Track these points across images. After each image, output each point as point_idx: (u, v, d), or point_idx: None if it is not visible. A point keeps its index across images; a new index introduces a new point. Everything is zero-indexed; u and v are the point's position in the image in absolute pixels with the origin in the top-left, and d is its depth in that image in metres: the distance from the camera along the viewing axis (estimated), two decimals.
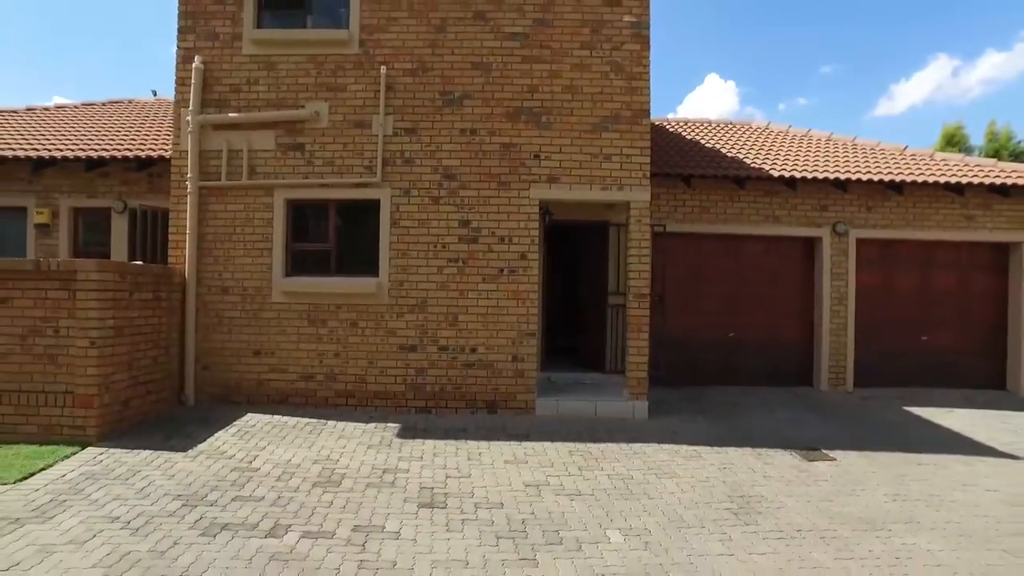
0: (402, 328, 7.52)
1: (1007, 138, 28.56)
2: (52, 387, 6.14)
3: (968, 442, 7.42)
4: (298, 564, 3.83)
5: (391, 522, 4.52)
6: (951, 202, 10.00)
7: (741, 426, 7.60)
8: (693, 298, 9.95)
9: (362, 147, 7.57)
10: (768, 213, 9.82)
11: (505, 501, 4.99)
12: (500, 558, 4.01)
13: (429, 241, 7.54)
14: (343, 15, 7.72)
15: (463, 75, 7.61)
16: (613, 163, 7.62)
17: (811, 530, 4.63)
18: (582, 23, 7.67)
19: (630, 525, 4.60)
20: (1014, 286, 10.15)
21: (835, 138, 11.89)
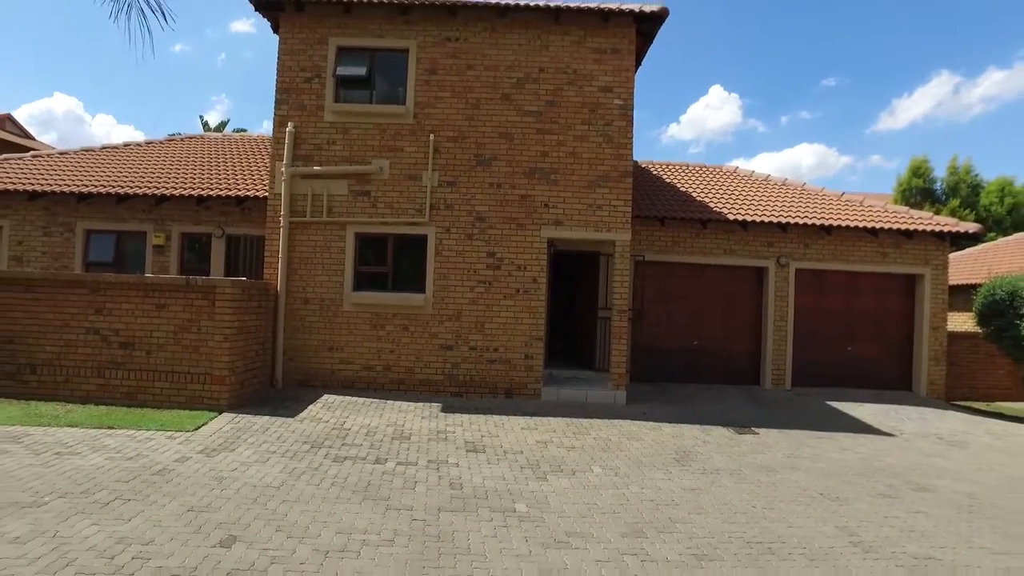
0: (442, 332, 9.99)
1: (966, 171, 31.44)
2: (195, 369, 8.55)
3: (862, 425, 9.96)
4: (400, 477, 6.26)
5: (451, 458, 6.97)
6: (870, 241, 12.57)
7: (695, 411, 10.11)
8: (665, 313, 12.46)
9: (414, 195, 10.05)
10: (726, 247, 12.37)
11: (523, 450, 7.46)
12: (524, 476, 6.47)
13: (464, 267, 10.02)
14: (401, 93, 10.21)
15: (492, 142, 10.11)
16: (603, 211, 10.14)
17: (725, 470, 7.12)
18: (582, 105, 10.18)
19: (607, 464, 7.08)
20: (918, 308, 12.74)
21: (788, 183, 14.46)
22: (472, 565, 4.33)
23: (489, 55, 10.11)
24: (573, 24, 10.15)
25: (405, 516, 5.17)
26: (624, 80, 10.20)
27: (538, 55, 10.13)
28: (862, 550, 5.01)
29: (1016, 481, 7.51)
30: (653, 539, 4.98)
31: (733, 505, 5.93)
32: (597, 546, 4.78)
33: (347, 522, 4.95)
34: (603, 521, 5.32)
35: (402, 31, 10.09)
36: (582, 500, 5.84)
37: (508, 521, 5.19)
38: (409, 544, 4.62)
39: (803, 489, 6.58)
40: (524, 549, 4.65)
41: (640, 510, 5.65)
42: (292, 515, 5.02)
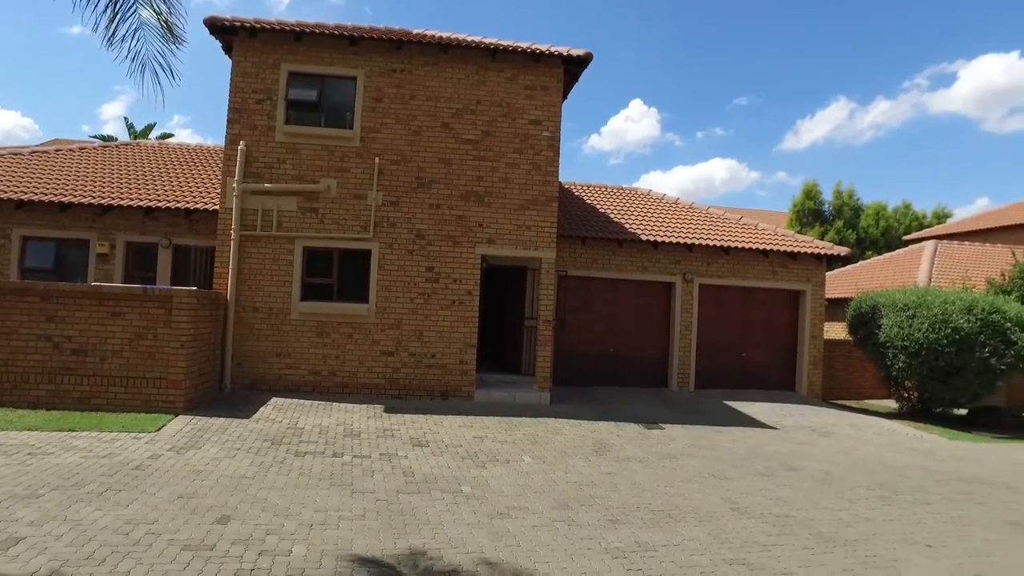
0: (384, 339, 10.87)
1: (849, 195, 34.83)
2: (151, 374, 9.05)
3: (752, 420, 11.57)
4: (359, 468, 7.15)
5: (400, 452, 7.90)
6: (762, 260, 14.38)
7: (611, 410, 11.43)
8: (585, 323, 13.80)
9: (359, 213, 10.89)
10: (639, 264, 13.84)
11: (463, 444, 8.48)
12: (466, 465, 7.50)
13: (405, 280, 10.94)
14: (349, 118, 11.03)
15: (432, 166, 11.10)
16: (531, 232, 11.32)
17: (635, 458, 8.40)
18: (515, 136, 11.34)
19: (536, 455, 8.21)
20: (801, 320, 14.67)
21: (694, 207, 16.18)
22: (433, 531, 5.32)
23: (431, 86, 11.11)
24: (508, 62, 11.30)
25: (370, 497, 6.09)
26: (552, 115, 11.44)
27: (476, 89, 11.21)
28: (739, 513, 6.35)
29: (863, 461, 9.21)
30: (577, 510, 6.13)
31: (641, 484, 7.18)
32: (532, 516, 5.88)
33: (321, 503, 5.83)
34: (535, 498, 6.43)
35: (351, 60, 10.93)
36: (517, 483, 6.93)
37: (457, 499, 6.21)
38: (378, 518, 5.55)
39: (698, 472, 7.93)
40: (473, 519, 5.68)
41: (565, 489, 6.80)
42: (272, 499, 5.84)
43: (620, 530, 5.67)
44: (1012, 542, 6.15)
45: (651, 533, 5.64)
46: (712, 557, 5.18)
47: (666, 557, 5.12)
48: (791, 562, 5.19)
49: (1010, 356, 12.73)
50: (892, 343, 13.40)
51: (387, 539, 5.09)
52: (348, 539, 5.02)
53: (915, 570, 5.24)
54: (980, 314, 12.66)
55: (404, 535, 5.20)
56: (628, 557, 5.06)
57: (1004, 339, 12.68)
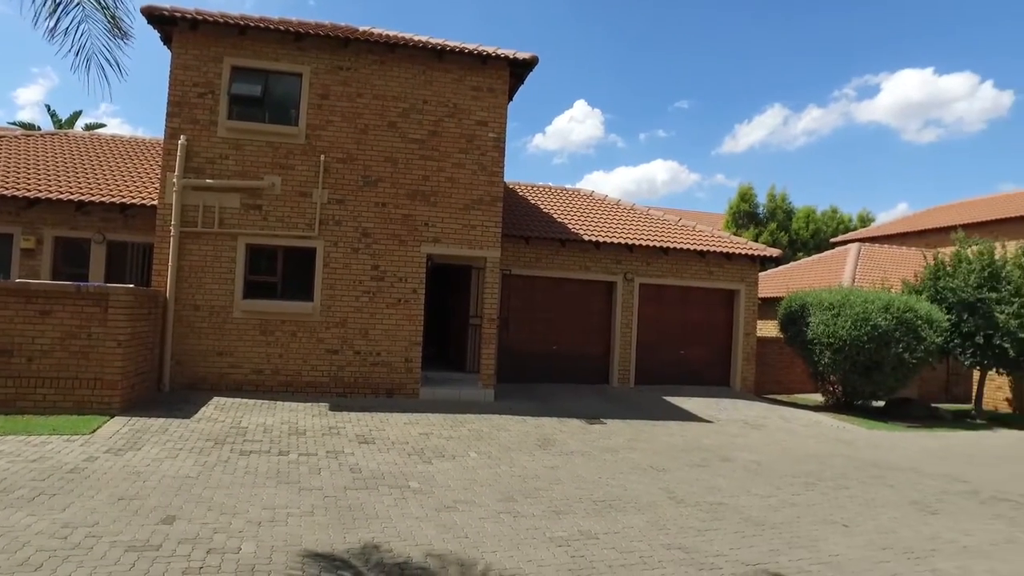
0: (329, 338, 10.82)
1: (782, 199, 36.28)
2: (84, 375, 8.75)
3: (689, 414, 12.05)
4: (305, 465, 7.16)
5: (346, 449, 7.93)
6: (699, 261, 14.95)
7: (554, 406, 11.70)
8: (529, 321, 14.04)
9: (304, 210, 10.81)
10: (582, 264, 14.19)
11: (409, 440, 8.57)
12: (412, 461, 7.60)
13: (350, 279, 10.92)
14: (294, 115, 10.93)
15: (379, 165, 11.11)
16: (477, 231, 11.48)
17: (578, 452, 8.67)
18: (461, 136, 11.47)
19: (481, 450, 8.38)
20: (736, 318, 15.32)
21: (635, 208, 16.66)
22: (382, 525, 5.43)
23: (378, 85, 11.12)
24: (455, 63, 11.41)
25: (318, 494, 6.14)
26: (498, 116, 11.62)
27: (423, 88, 11.28)
28: (676, 502, 6.69)
29: (790, 451, 9.77)
30: (522, 502, 6.34)
31: (584, 477, 7.45)
32: (479, 508, 6.05)
33: (269, 501, 5.84)
34: (481, 491, 6.60)
35: (296, 57, 10.83)
36: (463, 477, 7.08)
37: (405, 494, 6.32)
38: (327, 513, 5.62)
39: (638, 464, 8.27)
40: (421, 513, 5.81)
41: (510, 483, 7.00)
42: (218, 498, 5.82)
43: (564, 520, 5.90)
44: (914, 519, 6.73)
45: (593, 522, 5.89)
46: (650, 543, 5.47)
47: (607, 544, 5.37)
48: (723, 545, 5.54)
49: (920, 351, 13.67)
50: (819, 340, 14.17)
51: (337, 534, 5.16)
52: (298, 535, 5.07)
53: (832, 547, 5.67)
54: (896, 312, 13.53)
55: (354, 529, 5.28)
56: (571, 545, 5.29)
57: (916, 335, 13.59)
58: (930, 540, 6.11)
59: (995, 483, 8.81)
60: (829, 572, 5.12)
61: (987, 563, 5.61)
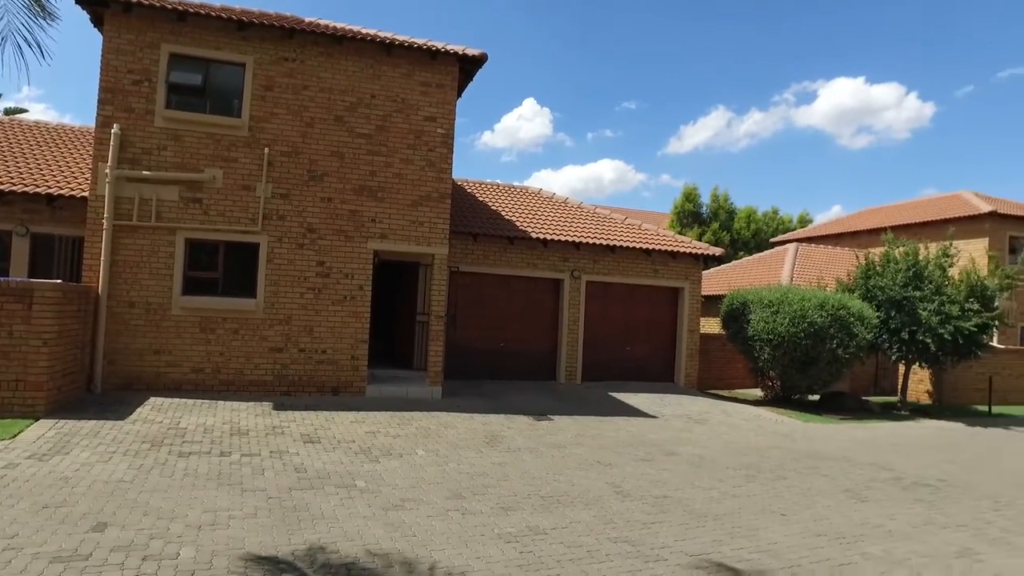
0: (273, 335, 10.56)
1: (724, 199, 37.28)
2: (4, 376, 8.26)
3: (634, 410, 12.27)
4: (248, 466, 6.98)
5: (291, 449, 7.76)
6: (645, 259, 15.23)
7: (502, 403, 11.73)
8: (476, 318, 14.03)
9: (247, 205, 10.50)
10: (529, 261, 14.26)
11: (355, 439, 8.45)
12: (359, 460, 7.50)
13: (295, 275, 10.68)
14: (237, 106, 10.60)
15: (325, 159, 10.89)
16: (424, 228, 11.39)
17: (526, 448, 8.72)
18: (409, 131, 11.35)
19: (429, 448, 8.33)
20: (680, 315, 15.69)
21: (583, 206, 16.83)
22: (328, 526, 5.33)
23: (324, 78, 10.89)
24: (403, 58, 11.28)
25: (261, 495, 5.98)
26: (447, 112, 11.55)
27: (371, 83, 11.11)
28: (622, 496, 6.80)
29: (732, 445, 10.07)
30: (470, 499, 6.33)
31: (532, 473, 7.49)
32: (427, 506, 6.02)
33: (210, 503, 5.66)
34: (429, 489, 6.57)
35: (239, 46, 10.50)
36: (411, 475, 7.03)
37: (351, 494, 6.23)
38: (271, 515, 5.49)
39: (585, 459, 8.37)
40: (369, 512, 5.74)
41: (458, 480, 6.98)
42: (155, 502, 5.60)
43: (512, 516, 5.92)
44: (846, 506, 7.04)
45: (541, 518, 5.94)
46: (598, 537, 5.55)
47: (555, 539, 5.42)
48: (668, 537, 5.66)
49: (853, 347, 14.28)
50: (759, 336, 14.62)
51: (281, 536, 5.05)
52: (240, 538, 4.94)
53: (771, 535, 5.88)
54: (831, 310, 14.08)
55: (299, 531, 5.18)
56: (520, 541, 5.32)
57: (849, 332, 14.19)
58: (860, 525, 6.40)
59: (916, 470, 9.29)
60: (768, 559, 5.31)
61: (909, 545, 5.92)
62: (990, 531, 6.58)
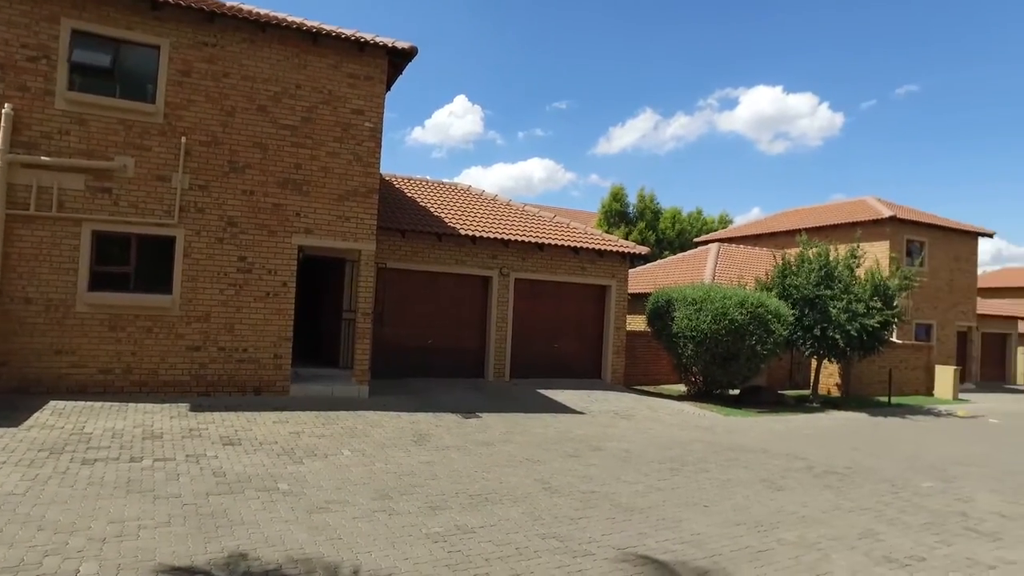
0: (190, 333, 10.06)
1: (651, 200, 38.18)
2: None
3: (562, 407, 12.40)
4: (161, 472, 6.61)
5: (209, 452, 7.41)
6: (573, 257, 15.42)
7: (430, 401, 11.61)
8: (404, 315, 13.84)
9: (163, 196, 9.96)
10: (458, 258, 14.18)
11: (278, 440, 8.16)
12: (282, 461, 7.24)
13: (214, 270, 10.21)
14: (151, 91, 10.02)
15: (247, 150, 10.46)
16: (351, 223, 11.13)
17: (454, 447, 8.65)
18: (336, 124, 11.06)
19: (355, 448, 8.14)
20: (607, 312, 15.98)
21: (512, 204, 16.87)
22: (249, 531, 5.11)
23: (247, 65, 10.45)
24: (330, 48, 10.96)
25: (175, 502, 5.68)
26: (375, 105, 11.31)
27: (296, 72, 10.75)
28: (550, 492, 6.85)
29: (657, 439, 10.33)
30: (397, 499, 6.22)
31: (460, 471, 7.44)
32: (352, 508, 5.87)
33: (116, 514, 5.31)
34: (355, 490, 6.41)
35: (153, 27, 9.93)
36: (336, 476, 6.85)
37: (273, 497, 6.01)
38: (186, 523, 5.21)
39: (514, 456, 8.38)
40: (292, 516, 5.54)
41: (385, 480, 6.85)
42: (51, 515, 5.19)
43: (440, 516, 5.85)
44: (764, 495, 7.35)
45: (470, 516, 5.90)
46: (526, 533, 5.56)
47: (484, 537, 5.40)
48: (596, 532, 5.73)
49: (770, 343, 14.94)
50: (683, 333, 15.07)
51: (197, 544, 4.80)
52: (151, 549, 4.66)
53: (694, 526, 6.05)
54: (750, 308, 14.68)
55: (216, 538, 4.94)
56: (448, 540, 5.26)
57: (767, 329, 14.83)
58: (776, 513, 6.69)
59: (826, 458, 9.80)
60: (691, 550, 5.45)
61: (820, 529, 6.23)
62: (888, 512, 7.04)
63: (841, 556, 5.59)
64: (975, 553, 5.94)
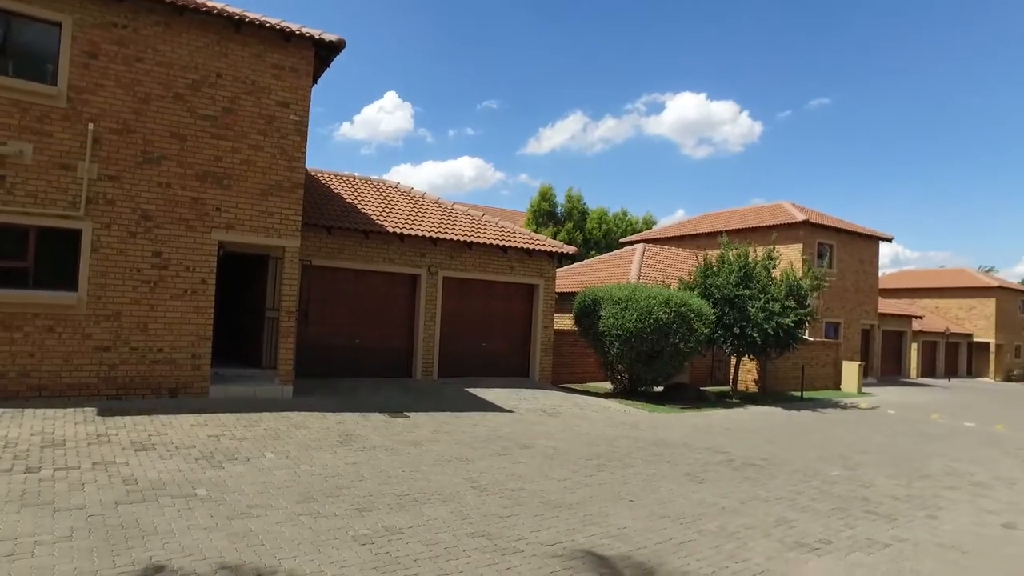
0: (98, 333, 9.47)
1: (578, 200, 38.78)
2: None
3: (491, 405, 12.41)
4: (63, 482, 6.18)
5: (119, 459, 6.99)
6: (501, 256, 15.46)
7: (357, 401, 11.39)
8: (330, 314, 13.52)
9: (67, 186, 9.32)
10: (386, 256, 13.97)
11: (196, 444, 7.80)
12: (200, 466, 6.92)
13: (126, 266, 9.65)
14: (51, 72, 9.35)
15: (163, 140, 9.94)
16: (275, 219, 10.77)
17: (381, 447, 8.51)
18: (259, 116, 10.67)
19: (278, 450, 7.88)
20: (535, 312, 16.11)
21: (440, 202, 16.75)
22: (163, 541, 4.86)
23: (163, 51, 9.92)
24: (254, 37, 10.56)
25: (79, 514, 5.32)
26: (301, 98, 10.99)
27: (217, 60, 10.30)
28: (479, 491, 6.83)
29: (584, 436, 10.50)
30: (323, 502, 6.06)
31: (388, 472, 7.32)
32: (276, 512, 5.68)
33: (7, 531, 4.87)
34: (279, 494, 6.20)
35: (52, 2, 9.24)
36: (258, 480, 6.60)
37: (191, 504, 5.73)
38: (91, 536, 4.88)
39: (442, 455, 8.32)
40: (210, 523, 5.30)
41: (310, 483, 6.66)
42: None
43: (367, 517, 5.74)
44: (687, 488, 7.60)
45: (398, 517, 5.81)
46: (455, 533, 5.53)
47: (412, 538, 5.33)
48: (524, 529, 5.76)
49: (693, 341, 15.45)
50: (609, 332, 15.37)
51: (104, 558, 4.51)
52: (48, 566, 4.34)
53: (620, 520, 6.18)
54: (674, 307, 15.13)
55: (127, 550, 4.66)
56: (375, 542, 5.17)
57: (690, 327, 15.33)
58: (698, 505, 6.92)
59: (744, 451, 10.23)
60: (618, 544, 5.57)
61: (739, 519, 6.50)
62: (801, 500, 7.43)
63: (758, 544, 5.84)
64: (874, 534, 6.37)
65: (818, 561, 5.55)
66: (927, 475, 9.47)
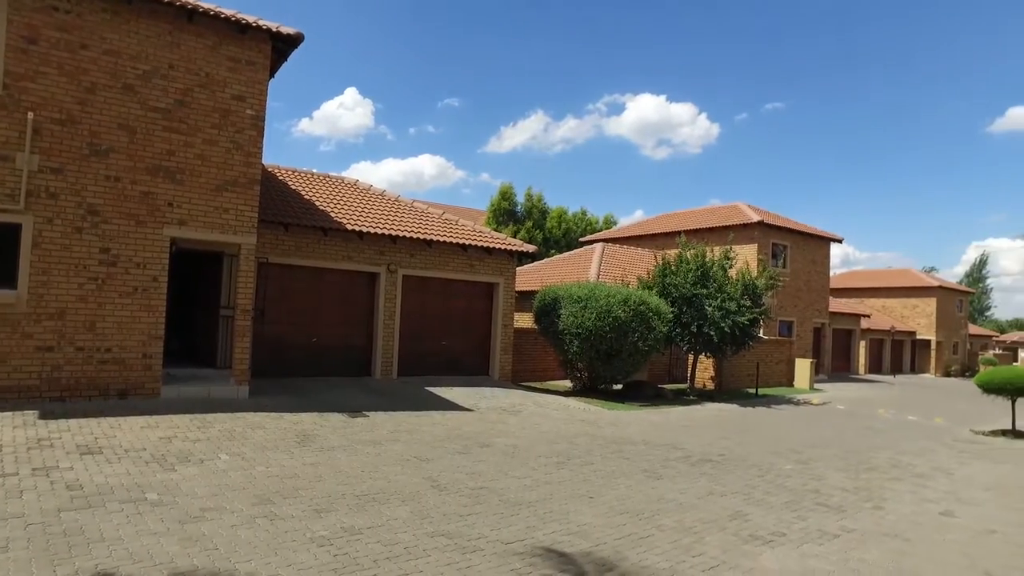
0: (40, 332, 9.08)
1: (538, 199, 38.94)
2: None
3: (451, 404, 12.36)
4: (1, 489, 5.92)
5: (63, 463, 6.72)
6: (462, 254, 15.41)
7: (315, 400, 11.20)
8: (288, 312, 13.27)
9: (4, 178, 8.89)
10: (345, 254, 13.78)
11: (147, 447, 7.56)
12: (151, 469, 6.71)
13: (71, 263, 9.28)
14: None
15: (111, 132, 9.59)
16: (230, 215, 10.51)
17: (340, 447, 8.39)
18: (214, 109, 10.39)
19: (233, 451, 7.69)
20: (495, 310, 16.11)
21: (400, 200, 16.61)
22: (110, 548, 4.69)
23: (110, 39, 9.57)
24: (208, 28, 10.27)
25: (17, 523, 5.08)
26: (257, 92, 10.74)
27: (169, 51, 9.98)
28: (439, 490, 6.80)
29: (544, 434, 10.55)
30: (280, 504, 5.94)
31: (346, 472, 7.22)
32: (230, 515, 5.54)
33: None
34: (234, 496, 6.06)
35: None
36: (212, 483, 6.43)
37: (140, 508, 5.54)
38: (30, 545, 4.67)
39: (402, 455, 8.25)
40: (161, 528, 5.14)
41: (267, 484, 6.52)
42: None
43: (326, 518, 5.65)
44: (645, 484, 7.71)
45: (356, 518, 5.74)
46: (415, 532, 5.48)
47: (371, 538, 5.27)
48: (484, 527, 5.75)
49: (652, 339, 15.66)
50: (569, 330, 15.46)
51: (44, 568, 4.32)
52: None
53: (580, 517, 6.23)
54: (633, 306, 15.30)
55: (70, 559, 4.48)
56: (334, 543, 5.09)
57: (648, 326, 15.53)
58: (656, 501, 7.02)
59: (701, 447, 10.42)
60: (578, 540, 5.60)
61: (696, 513, 6.62)
62: (755, 494, 7.61)
63: (714, 537, 5.95)
64: (824, 525, 6.58)
65: (772, 552, 5.68)
66: (873, 467, 9.81)
